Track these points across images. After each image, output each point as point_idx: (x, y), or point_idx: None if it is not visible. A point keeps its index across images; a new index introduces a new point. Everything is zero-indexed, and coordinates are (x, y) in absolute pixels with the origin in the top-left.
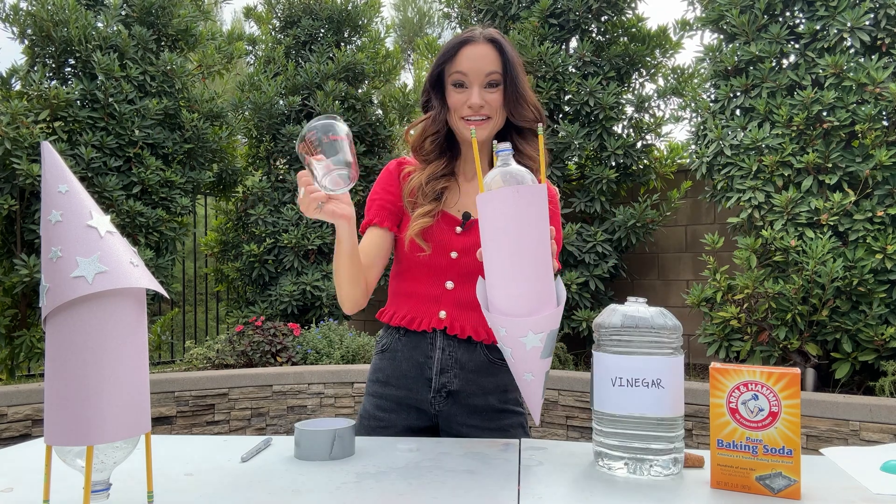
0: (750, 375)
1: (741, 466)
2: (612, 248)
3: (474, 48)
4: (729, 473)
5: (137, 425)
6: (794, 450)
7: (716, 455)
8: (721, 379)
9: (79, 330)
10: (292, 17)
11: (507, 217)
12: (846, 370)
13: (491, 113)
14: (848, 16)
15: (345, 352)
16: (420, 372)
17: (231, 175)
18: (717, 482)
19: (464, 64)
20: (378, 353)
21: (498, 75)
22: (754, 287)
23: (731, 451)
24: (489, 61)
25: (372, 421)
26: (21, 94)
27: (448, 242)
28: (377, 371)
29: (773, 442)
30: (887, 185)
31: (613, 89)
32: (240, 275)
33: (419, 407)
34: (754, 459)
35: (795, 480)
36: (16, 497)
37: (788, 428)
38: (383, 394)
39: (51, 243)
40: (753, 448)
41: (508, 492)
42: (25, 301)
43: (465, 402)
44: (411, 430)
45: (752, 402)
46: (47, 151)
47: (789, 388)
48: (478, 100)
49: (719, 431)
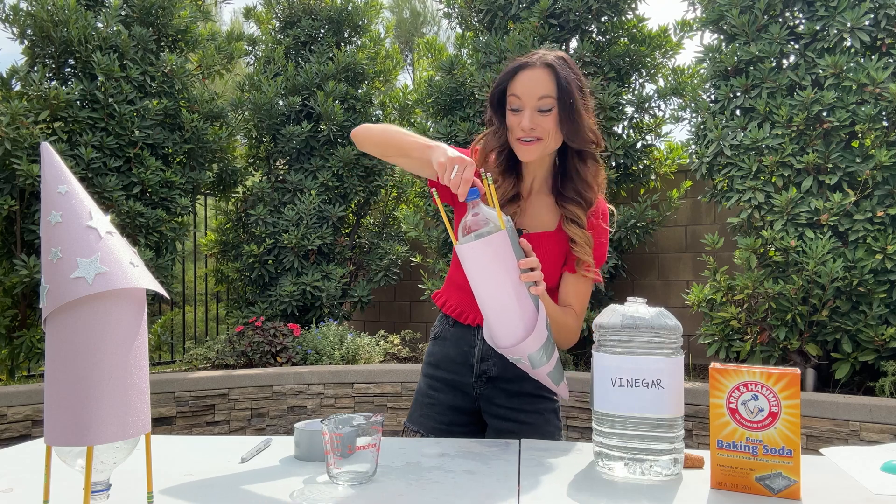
0: (750, 376)
1: (741, 467)
2: (613, 248)
3: (531, 73)
4: (729, 474)
5: (137, 426)
6: (794, 450)
7: (716, 455)
8: (721, 379)
9: (79, 331)
10: (292, 18)
11: (478, 266)
12: (846, 370)
13: (542, 135)
14: (848, 16)
15: (345, 352)
16: (465, 359)
17: (231, 175)
18: (717, 482)
19: (518, 88)
20: (433, 339)
21: (551, 100)
22: (754, 287)
23: (732, 451)
24: (542, 85)
25: (425, 398)
26: (21, 94)
27: None
28: (431, 355)
29: (773, 442)
30: (887, 185)
31: (614, 90)
32: (240, 275)
33: (463, 389)
34: (754, 460)
35: (795, 481)
36: (16, 497)
37: (788, 428)
38: (434, 375)
39: (51, 244)
40: (753, 448)
41: (508, 492)
42: (25, 301)
43: (503, 388)
44: (455, 409)
45: (752, 402)
46: (46, 152)
47: (789, 389)
48: (528, 123)
49: (719, 432)
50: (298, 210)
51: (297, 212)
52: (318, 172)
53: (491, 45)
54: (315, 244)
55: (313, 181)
